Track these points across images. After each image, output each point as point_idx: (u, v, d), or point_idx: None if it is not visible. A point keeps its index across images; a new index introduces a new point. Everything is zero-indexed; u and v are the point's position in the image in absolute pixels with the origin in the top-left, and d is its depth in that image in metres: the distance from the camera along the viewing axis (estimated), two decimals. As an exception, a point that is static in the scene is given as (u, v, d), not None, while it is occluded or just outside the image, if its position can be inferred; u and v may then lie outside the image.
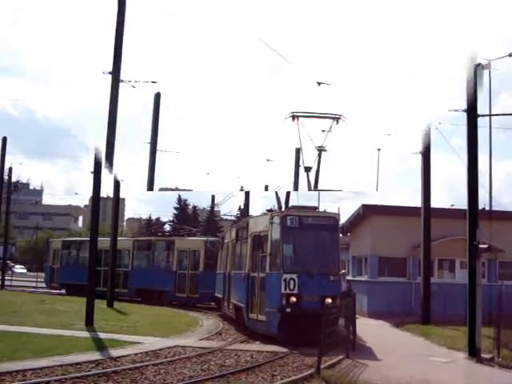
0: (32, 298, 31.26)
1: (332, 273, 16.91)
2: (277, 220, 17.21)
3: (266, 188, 48.40)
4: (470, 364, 14.84)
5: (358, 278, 28.57)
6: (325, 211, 18.08)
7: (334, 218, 17.61)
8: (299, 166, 32.91)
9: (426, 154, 23.50)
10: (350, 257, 31.33)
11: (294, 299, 16.42)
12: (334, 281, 16.88)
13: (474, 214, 16.22)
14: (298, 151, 33.75)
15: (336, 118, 18.36)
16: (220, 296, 24.69)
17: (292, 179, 37.15)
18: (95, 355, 13.13)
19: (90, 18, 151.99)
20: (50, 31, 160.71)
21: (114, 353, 13.62)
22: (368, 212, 26.87)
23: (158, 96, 28.76)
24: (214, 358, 13.84)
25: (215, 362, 13.28)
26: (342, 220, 31.14)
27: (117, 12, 19.66)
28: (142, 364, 12.41)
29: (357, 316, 18.24)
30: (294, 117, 18.26)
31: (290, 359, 14.09)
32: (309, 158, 18.69)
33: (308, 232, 17.42)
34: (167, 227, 71.78)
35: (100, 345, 14.90)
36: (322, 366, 12.81)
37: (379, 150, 41.76)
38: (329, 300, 16.48)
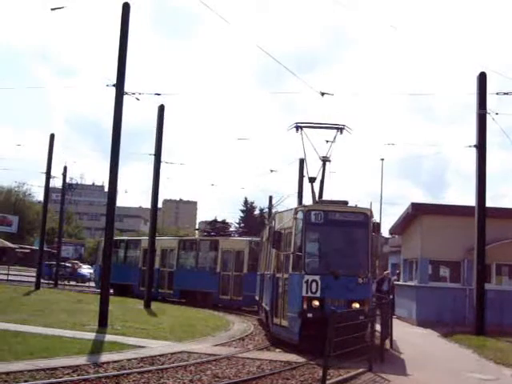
0: (72, 297, 30.58)
1: (361, 275, 15.08)
2: (300, 215, 15.52)
3: (270, 199, 47.64)
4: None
5: (408, 283, 26.47)
6: (356, 206, 16.23)
7: (365, 213, 15.73)
8: (303, 176, 33.24)
9: (481, 147, 21.24)
10: (401, 260, 29.20)
11: (316, 303, 14.76)
12: (362, 283, 15.05)
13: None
14: (302, 162, 34.22)
15: (340, 129, 17.86)
16: (257, 299, 23.30)
17: (296, 190, 36.42)
18: (81, 360, 11.86)
19: (95, 30, 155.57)
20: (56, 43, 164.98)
21: (105, 358, 12.32)
22: (418, 211, 24.72)
23: (161, 108, 28.12)
24: (215, 367, 12.31)
25: (212, 371, 11.74)
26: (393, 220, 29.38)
27: (120, 25, 19.03)
28: (125, 372, 11.02)
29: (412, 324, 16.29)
30: (297, 127, 17.82)
31: (300, 371, 12.42)
32: (313, 169, 18.26)
33: (334, 229, 15.66)
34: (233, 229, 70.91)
35: (96, 348, 13.63)
36: (332, 381, 11.21)
37: (383, 159, 41.30)
38: (356, 305, 14.75)
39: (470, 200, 22.14)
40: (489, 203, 21.61)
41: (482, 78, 21.25)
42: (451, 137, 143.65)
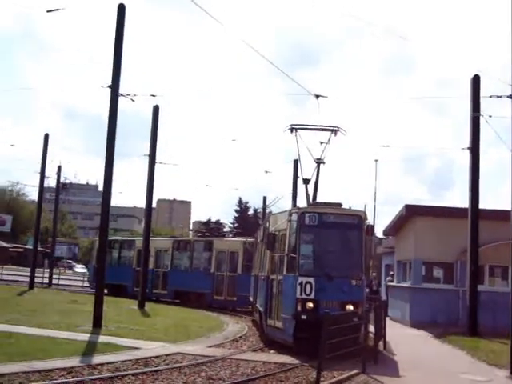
0: (67, 297, 30.50)
1: (354, 277, 15.15)
2: (295, 217, 15.58)
3: (264, 199, 47.60)
4: (508, 384, 12.91)
5: (401, 284, 26.58)
6: (350, 208, 16.29)
7: (359, 215, 15.80)
8: (297, 177, 32.91)
9: (474, 149, 21.36)
10: (395, 261, 29.30)
11: (310, 305, 14.83)
12: (356, 285, 15.11)
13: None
14: (296, 163, 33.98)
15: (334, 131, 17.91)
16: (252, 300, 23.36)
17: (290, 190, 36.50)
18: (75, 361, 11.85)
19: (91, 31, 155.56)
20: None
21: (99, 359, 12.30)
22: (411, 213, 24.81)
23: (156, 109, 28.07)
24: (209, 368, 12.34)
25: (207, 373, 11.77)
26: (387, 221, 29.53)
27: (116, 26, 19.03)
28: (120, 373, 11.02)
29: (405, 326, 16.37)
30: (292, 129, 17.84)
31: (294, 373, 12.48)
32: (307, 170, 18.33)
33: (328, 231, 15.76)
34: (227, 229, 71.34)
35: (91, 349, 13.60)
36: (326, 383, 11.21)
37: (377, 160, 41.15)
38: (350, 307, 14.81)
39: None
40: (484, 204, 21.76)
41: (476, 81, 21.35)
42: (453, 138, 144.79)
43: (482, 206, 21.63)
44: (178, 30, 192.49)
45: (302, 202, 19.05)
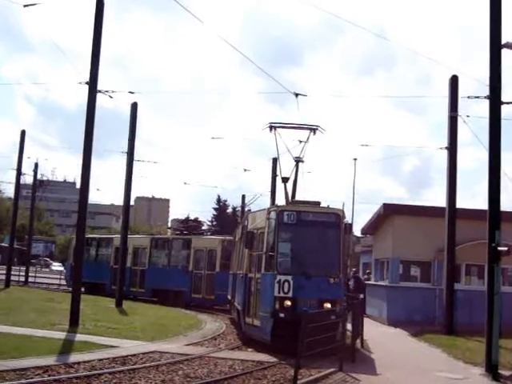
0: (43, 295, 30.31)
1: (332, 275, 15.19)
2: (273, 215, 15.59)
3: (243, 198, 47.61)
4: (483, 382, 13.02)
5: (379, 283, 26.74)
6: (328, 207, 16.33)
7: (337, 214, 15.84)
8: (276, 176, 33.26)
9: (452, 149, 21.56)
10: (372, 260, 29.47)
11: (288, 303, 14.83)
12: (334, 283, 15.15)
13: (494, 214, 14.49)
14: (275, 161, 34.02)
15: (313, 129, 17.85)
16: (230, 298, 23.32)
17: (269, 189, 36.66)
18: (51, 360, 11.75)
19: (69, 26, 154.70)
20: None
21: (76, 358, 12.22)
22: (389, 212, 24.95)
23: (134, 106, 27.83)
24: (187, 366, 12.32)
25: (184, 372, 11.74)
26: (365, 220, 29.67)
27: (94, 22, 18.84)
28: (96, 372, 10.96)
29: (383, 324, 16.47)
30: (271, 127, 17.78)
31: (272, 371, 12.50)
32: (286, 169, 18.28)
33: (307, 229, 15.77)
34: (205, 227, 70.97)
35: (68, 348, 13.54)
36: (303, 381, 11.32)
37: (355, 159, 41.15)
38: (328, 305, 14.84)
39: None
40: (462, 203, 21.90)
41: (454, 81, 21.53)
42: (432, 137, 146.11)
43: (459, 205, 21.84)
44: (156, 28, 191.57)
45: (280, 201, 19.01)
